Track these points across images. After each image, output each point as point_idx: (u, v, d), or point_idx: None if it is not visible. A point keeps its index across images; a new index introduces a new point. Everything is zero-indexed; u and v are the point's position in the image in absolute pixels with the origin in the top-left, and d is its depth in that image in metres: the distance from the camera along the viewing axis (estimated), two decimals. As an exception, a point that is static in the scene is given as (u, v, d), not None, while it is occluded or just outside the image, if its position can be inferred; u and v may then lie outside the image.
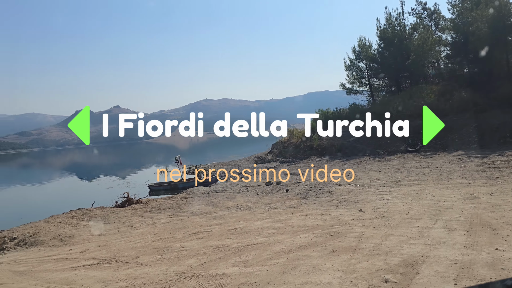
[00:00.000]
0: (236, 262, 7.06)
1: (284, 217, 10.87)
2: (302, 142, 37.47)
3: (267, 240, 8.45)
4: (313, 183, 17.51)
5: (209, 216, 12.50)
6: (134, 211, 14.53)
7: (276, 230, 9.33)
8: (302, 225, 9.61)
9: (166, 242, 9.28)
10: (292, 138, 40.52)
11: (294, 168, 27.00)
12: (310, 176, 21.04)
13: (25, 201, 33.18)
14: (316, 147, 35.29)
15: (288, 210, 12.09)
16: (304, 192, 15.23)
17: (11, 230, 13.12)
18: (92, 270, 7.67)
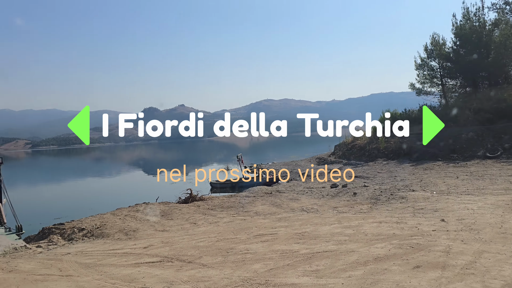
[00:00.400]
0: (307, 271, 6.42)
1: (355, 223, 10.04)
2: (367, 144, 35.94)
3: (339, 248, 7.73)
4: (383, 187, 16.39)
5: (273, 217, 11.96)
6: (197, 208, 14.37)
7: (348, 237, 8.56)
8: (376, 233, 8.75)
9: (230, 243, 8.85)
10: (357, 140, 39.04)
11: (359, 171, 25.75)
12: (377, 180, 19.88)
13: (95, 192, 34.83)
14: (383, 150, 33.58)
15: (358, 215, 11.22)
16: (374, 197, 14.22)
17: (80, 221, 13.49)
18: (154, 268, 7.40)
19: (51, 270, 7.90)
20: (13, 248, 10.70)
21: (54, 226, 13.20)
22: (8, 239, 11.53)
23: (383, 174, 22.33)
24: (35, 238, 13.04)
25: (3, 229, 12.70)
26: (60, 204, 27.20)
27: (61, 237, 11.93)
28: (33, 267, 8.30)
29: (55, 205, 26.85)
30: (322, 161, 42.61)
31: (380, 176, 21.75)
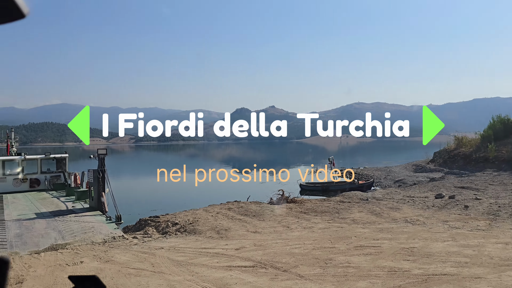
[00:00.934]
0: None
1: (474, 242, 8.59)
2: (473, 152, 32.55)
3: (460, 272, 6.51)
4: (500, 201, 14.26)
5: (373, 227, 10.86)
6: (289, 210, 13.75)
7: (469, 259, 7.25)
8: (505, 258, 7.31)
9: (328, 253, 8.04)
10: (461, 147, 35.64)
11: (465, 181, 23.14)
12: (490, 193, 17.55)
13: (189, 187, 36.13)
14: (492, 159, 30.08)
15: (476, 233, 9.68)
16: (491, 212, 12.35)
17: (174, 215, 13.63)
18: (247, 273, 6.88)
19: (144, 264, 7.80)
20: (112, 237, 11.04)
21: (150, 218, 13.50)
22: (108, 228, 11.97)
23: (496, 187, 19.70)
24: (133, 229, 13.46)
25: (104, 217, 13.30)
26: (156, 196, 28.56)
27: (155, 230, 12.09)
28: (128, 259, 8.31)
29: (152, 197, 28.24)
30: (419, 169, 39.62)
31: (492, 188, 19.22)
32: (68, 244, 10.40)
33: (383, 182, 32.55)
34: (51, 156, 22.20)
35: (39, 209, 15.10)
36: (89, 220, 12.95)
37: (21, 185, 21.09)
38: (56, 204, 16.46)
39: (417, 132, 64.70)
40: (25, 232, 11.50)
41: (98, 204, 14.40)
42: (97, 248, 9.78)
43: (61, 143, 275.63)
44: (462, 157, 33.34)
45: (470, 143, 32.95)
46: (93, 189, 15.06)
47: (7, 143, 25.00)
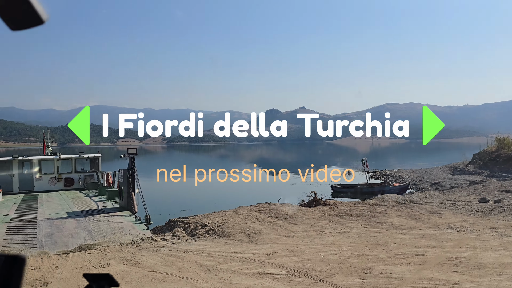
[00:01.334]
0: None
1: (530, 253, 7.78)
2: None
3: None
4: (554, 207, 13.18)
5: (414, 233, 10.14)
6: (322, 214, 13.15)
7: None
8: None
9: (366, 261, 7.44)
10: (503, 149, 33.92)
11: (510, 184, 21.76)
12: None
13: (218, 188, 35.96)
14: (540, 162, 28.37)
15: (531, 242, 8.81)
16: (545, 219, 11.35)
17: (203, 216, 13.32)
18: (279, 282, 6.40)
19: (171, 268, 7.46)
20: (140, 239, 10.81)
21: (179, 219, 13.25)
22: (137, 229, 11.77)
23: (547, 191, 18.39)
24: (162, 229, 13.24)
25: (134, 217, 13.13)
26: (187, 197, 28.49)
27: (184, 231, 11.80)
28: (155, 262, 8.00)
29: (183, 197, 28.18)
30: (457, 171, 38.00)
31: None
32: (96, 245, 10.25)
33: (419, 184, 31.30)
34: (85, 156, 22.52)
35: (71, 208, 15.17)
36: (118, 220, 12.82)
37: (56, 184, 21.47)
38: (88, 203, 16.53)
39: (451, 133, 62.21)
40: (56, 232, 11.46)
41: (128, 204, 14.29)
42: (125, 250, 9.55)
43: (97, 144, 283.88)
44: (505, 159, 31.70)
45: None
46: (123, 189, 14.99)
47: (43, 143, 25.60)
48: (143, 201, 13.35)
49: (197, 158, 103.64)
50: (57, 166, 21.85)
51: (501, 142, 34.38)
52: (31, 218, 13.28)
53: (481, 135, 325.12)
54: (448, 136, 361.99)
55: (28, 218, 13.38)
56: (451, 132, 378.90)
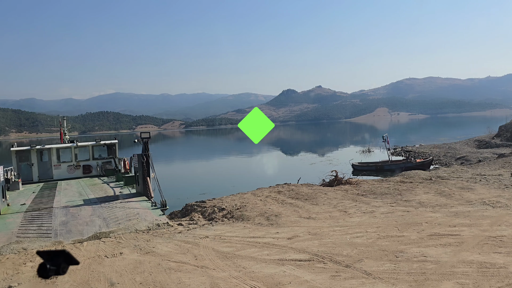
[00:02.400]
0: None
1: None
2: (549, 124, 29.53)
3: None
4: None
5: (446, 210, 9.43)
6: (344, 193, 12.51)
7: None
8: None
9: (397, 243, 6.82)
10: (532, 119, 32.46)
11: (543, 156, 20.62)
12: None
13: (237, 170, 35.63)
14: None
15: None
16: None
17: (221, 200, 12.87)
18: (302, 269, 5.85)
19: (186, 256, 6.99)
20: (156, 225, 10.43)
21: (196, 203, 12.83)
22: (153, 214, 11.40)
23: None
24: (179, 214, 12.87)
25: (150, 203, 12.78)
26: (204, 180, 28.18)
27: (201, 216, 11.37)
28: (170, 250, 7.56)
29: (200, 181, 27.88)
30: (483, 144, 36.72)
31: None
32: (111, 232, 9.92)
33: (443, 160, 30.28)
34: (102, 142, 22.32)
35: (88, 196, 14.95)
36: (134, 206, 12.48)
37: (75, 172, 21.40)
38: (105, 190, 16.31)
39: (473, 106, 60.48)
40: (71, 220, 11.19)
41: (144, 190, 13.94)
42: (140, 237, 9.17)
43: (116, 131, 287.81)
44: (535, 130, 30.31)
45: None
46: (139, 174, 14.64)
47: (60, 131, 25.53)
48: (159, 186, 12.95)
49: (215, 141, 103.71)
50: (75, 153, 21.75)
51: (531, 112, 32.86)
52: (47, 207, 13.07)
53: (504, 107, 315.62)
54: (470, 109, 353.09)
55: (45, 206, 13.18)
56: (473, 106, 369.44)
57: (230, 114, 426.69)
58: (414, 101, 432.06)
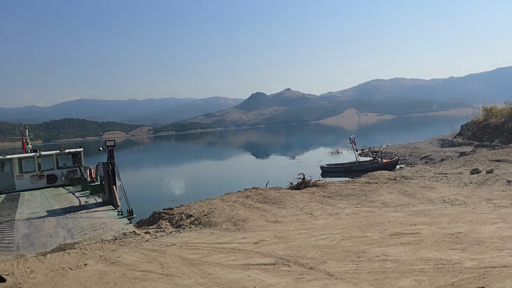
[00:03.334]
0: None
1: (530, 223, 7.43)
2: (505, 123, 30.89)
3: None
4: (546, 174, 12.93)
5: (407, 210, 9.74)
6: (311, 195, 12.70)
7: (530, 245, 6.12)
8: None
9: (360, 244, 7.01)
10: (490, 118, 33.87)
11: (500, 153, 21.61)
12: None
13: (206, 175, 35.47)
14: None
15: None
16: (539, 186, 11.07)
17: (188, 206, 12.80)
18: (267, 273, 5.92)
19: (152, 265, 6.94)
20: (123, 234, 10.27)
21: (164, 210, 12.72)
22: (120, 223, 11.21)
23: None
24: (146, 222, 12.72)
25: (116, 212, 12.56)
26: (173, 187, 27.89)
27: (169, 223, 11.28)
28: (136, 259, 7.47)
29: (169, 188, 27.59)
30: (446, 143, 37.98)
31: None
32: (76, 243, 9.69)
33: (408, 159, 31.17)
34: (66, 151, 21.68)
35: (52, 206, 14.52)
36: (100, 216, 12.23)
37: (38, 182, 20.71)
38: (70, 200, 15.89)
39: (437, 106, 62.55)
40: (34, 232, 10.85)
41: (110, 198, 13.69)
42: (106, 247, 9.01)
43: (83, 138, 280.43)
44: (493, 128, 31.65)
45: (501, 113, 31.22)
46: (104, 183, 14.36)
47: (22, 140, 24.68)
48: (125, 194, 12.74)
49: (184, 146, 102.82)
50: (38, 163, 21.05)
51: (489, 111, 34.29)
52: (8, 220, 12.62)
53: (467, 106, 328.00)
54: (434, 109, 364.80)
55: (6, 219, 12.72)
56: (437, 105, 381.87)
57: (200, 119, 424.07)
58: (381, 102, 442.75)
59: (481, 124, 34.08)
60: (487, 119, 33.76)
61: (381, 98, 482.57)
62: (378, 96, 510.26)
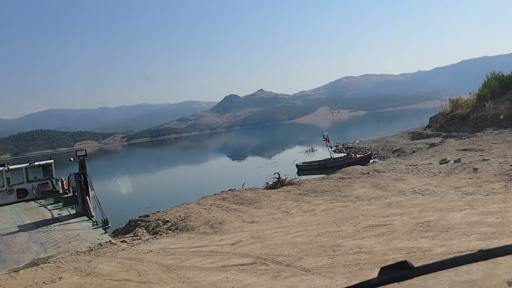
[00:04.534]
0: (456, 284, 4.50)
1: (495, 208, 7.73)
2: (470, 113, 31.90)
3: (489, 245, 5.63)
4: (510, 160, 13.46)
5: (380, 202, 9.98)
6: (287, 194, 12.82)
7: (495, 229, 6.38)
8: (534, 222, 6.46)
9: (335, 238, 7.14)
10: (457, 109, 34.92)
11: (467, 143, 22.34)
12: (496, 152, 16.77)
13: (182, 180, 35.20)
14: (490, 118, 29.33)
15: (494, 197, 8.82)
16: (503, 172, 11.51)
17: (165, 212, 12.70)
18: (245, 273, 5.97)
19: (129, 274, 6.87)
20: (98, 244, 10.12)
21: (140, 218, 12.57)
22: (95, 234, 11.03)
23: (501, 145, 18.94)
24: (122, 231, 12.54)
25: (91, 222, 12.34)
26: (149, 193, 27.58)
27: (146, 230, 11.18)
28: (112, 269, 7.38)
29: (145, 195, 27.26)
30: (417, 136, 38.90)
31: (497, 147, 18.45)
32: (50, 257, 9.48)
33: (381, 153, 31.80)
34: (36, 163, 21.08)
35: (23, 221, 14.11)
36: (74, 228, 11.99)
37: (8, 197, 20.07)
38: (42, 213, 15.49)
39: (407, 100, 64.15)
40: (5, 249, 10.53)
41: (84, 209, 13.43)
42: (81, 259, 8.86)
43: (53, 150, 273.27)
44: (460, 119, 32.63)
45: (466, 104, 32.23)
46: (77, 193, 14.07)
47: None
48: (99, 204, 12.55)
49: (159, 152, 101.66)
50: (7, 177, 20.39)
51: (455, 103, 35.30)
52: None
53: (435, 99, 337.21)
54: (404, 103, 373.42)
55: None
56: (406, 99, 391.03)
57: (174, 124, 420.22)
58: (352, 98, 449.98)
59: (448, 116, 35.07)
60: (454, 110, 34.77)
61: (353, 95, 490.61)
62: (349, 93, 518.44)
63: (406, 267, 1.07)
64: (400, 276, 1.07)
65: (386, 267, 1.09)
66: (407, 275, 1.06)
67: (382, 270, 1.09)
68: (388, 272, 1.08)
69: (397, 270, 1.07)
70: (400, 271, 1.07)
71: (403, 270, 1.07)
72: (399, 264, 1.08)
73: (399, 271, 1.07)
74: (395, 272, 1.07)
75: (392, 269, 1.08)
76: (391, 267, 1.08)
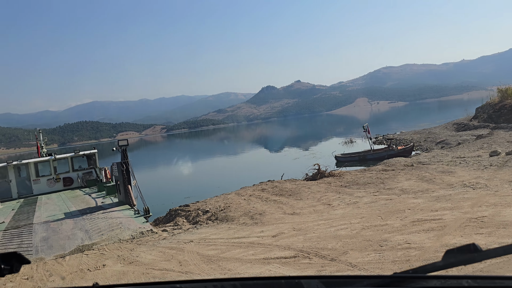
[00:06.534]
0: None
1: (557, 204, 7.16)
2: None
3: (555, 244, 5.17)
4: None
5: (428, 195, 9.50)
6: (327, 186, 12.52)
7: (559, 226, 5.88)
8: None
9: (381, 232, 6.83)
10: (506, 99, 33.11)
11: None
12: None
13: (221, 170, 35.45)
14: (546, 108, 27.63)
15: (554, 192, 8.18)
16: None
17: (204, 202, 12.75)
18: (288, 266, 5.79)
19: (171, 263, 6.87)
20: (140, 233, 10.26)
21: (180, 207, 12.69)
22: (137, 223, 11.21)
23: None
24: (163, 220, 12.71)
25: (133, 211, 12.57)
26: (189, 184, 27.95)
27: (186, 220, 11.24)
28: (154, 258, 7.42)
29: (184, 185, 27.64)
30: (462, 127, 37.28)
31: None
32: (94, 244, 9.71)
33: (423, 145, 30.68)
34: (81, 153, 21.85)
35: (69, 208, 14.62)
36: (117, 216, 12.26)
37: (55, 185, 20.93)
38: (87, 201, 16.00)
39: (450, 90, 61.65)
40: (52, 235, 10.91)
41: (126, 198, 13.72)
42: (124, 247, 8.99)
43: (97, 140, 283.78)
44: (510, 110, 30.93)
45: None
46: (119, 182, 14.39)
47: (37, 145, 24.94)
48: (140, 193, 12.75)
49: (198, 143, 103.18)
50: (54, 166, 21.27)
51: (504, 92, 33.49)
52: (27, 223, 12.74)
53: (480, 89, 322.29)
54: (446, 93, 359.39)
55: (24, 223, 12.84)
56: (450, 90, 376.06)
57: (212, 115, 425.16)
58: (392, 89, 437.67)
59: (496, 106, 33.33)
60: (503, 100, 33.00)
61: (392, 85, 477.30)
62: (389, 84, 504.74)
63: (474, 249, 1.02)
64: (468, 259, 1.03)
65: (451, 250, 1.05)
66: (475, 258, 1.01)
67: (448, 253, 1.05)
68: (454, 255, 1.04)
69: (464, 253, 1.03)
70: (467, 253, 1.02)
71: (470, 253, 1.02)
72: (466, 247, 1.04)
73: (466, 254, 1.03)
74: (461, 255, 1.03)
75: (458, 252, 1.04)
76: (456, 250, 1.04)
